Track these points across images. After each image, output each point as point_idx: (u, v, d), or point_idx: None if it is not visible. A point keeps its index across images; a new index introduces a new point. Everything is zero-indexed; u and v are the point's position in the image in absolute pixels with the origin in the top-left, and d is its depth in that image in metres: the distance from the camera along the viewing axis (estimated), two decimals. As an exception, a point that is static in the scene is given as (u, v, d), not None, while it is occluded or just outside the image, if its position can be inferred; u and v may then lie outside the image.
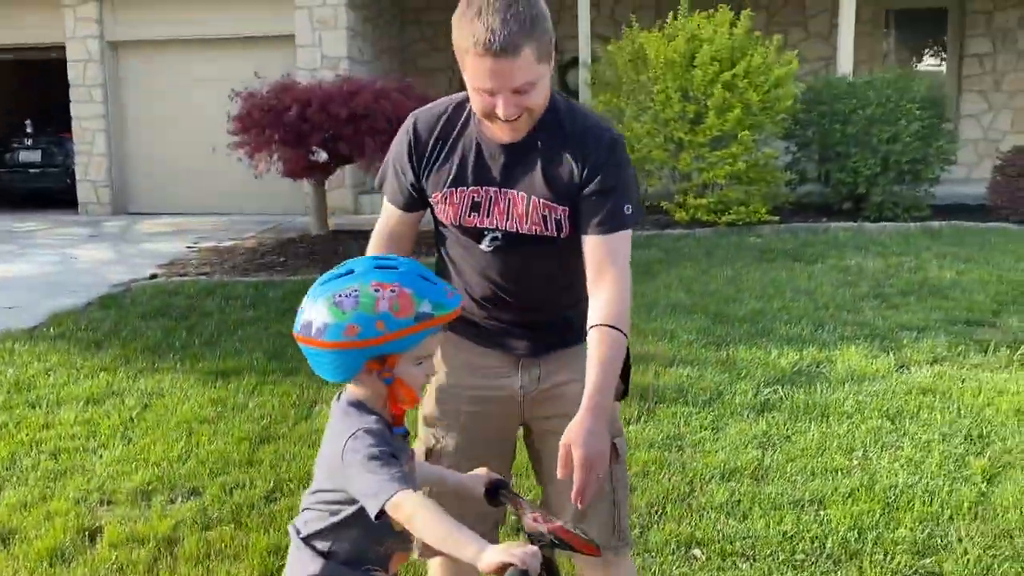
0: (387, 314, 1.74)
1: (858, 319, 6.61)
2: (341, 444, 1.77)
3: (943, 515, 3.66)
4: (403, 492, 1.66)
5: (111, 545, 3.65)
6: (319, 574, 1.84)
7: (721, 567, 3.37)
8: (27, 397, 5.38)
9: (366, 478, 1.71)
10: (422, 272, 1.83)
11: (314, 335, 1.77)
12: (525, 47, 2.02)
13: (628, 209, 2.20)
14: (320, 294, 1.78)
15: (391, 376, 1.79)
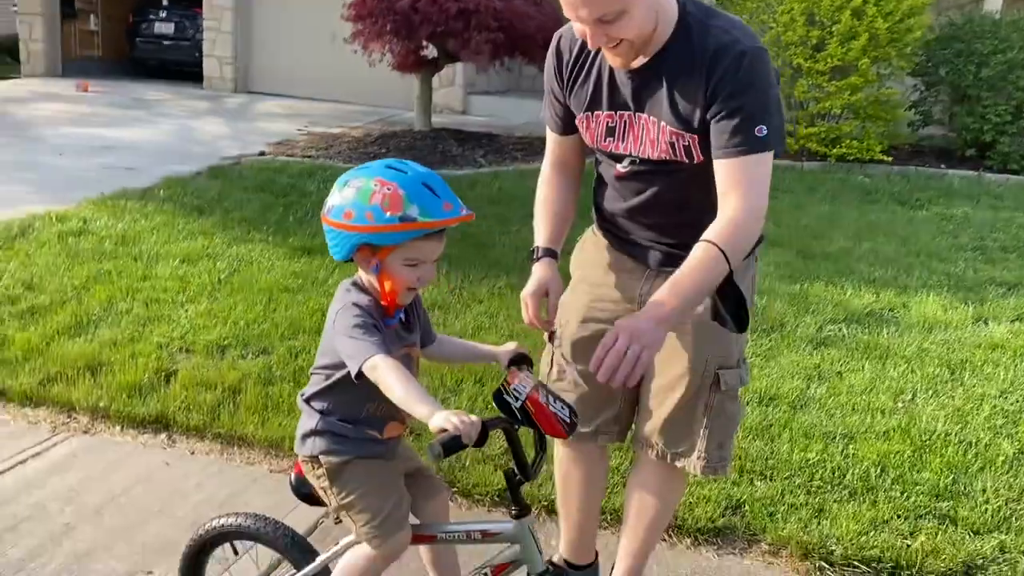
0: (377, 207, 1.88)
1: (948, 269, 6.39)
2: (333, 314, 2.00)
3: (973, 465, 3.63)
4: (378, 356, 1.86)
5: (183, 387, 4.03)
6: (317, 427, 2.05)
7: (736, 482, 3.47)
8: (131, 250, 5.85)
9: (348, 343, 1.91)
10: (428, 182, 1.93)
11: (324, 212, 1.98)
12: None
13: (761, 131, 2.01)
14: (340, 180, 1.98)
15: (377, 265, 1.96)
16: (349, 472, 2.03)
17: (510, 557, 2.06)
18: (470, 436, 1.71)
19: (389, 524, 2.03)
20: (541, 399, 2.01)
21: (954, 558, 3.05)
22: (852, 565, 3.05)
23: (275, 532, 2.28)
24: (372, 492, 2.03)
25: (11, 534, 3.05)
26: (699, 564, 3.08)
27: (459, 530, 2.13)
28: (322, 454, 2.04)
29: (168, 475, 3.48)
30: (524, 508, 2.02)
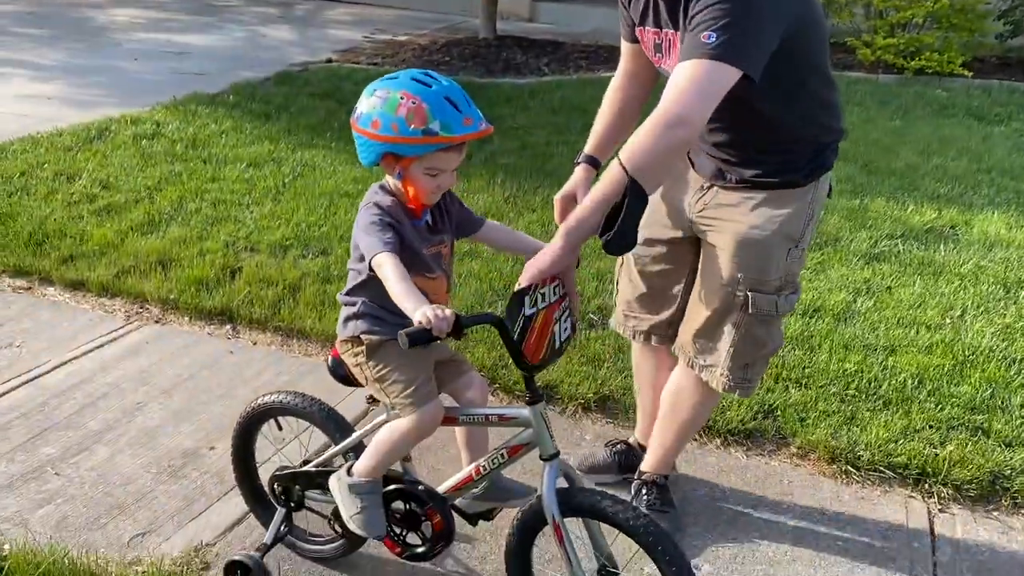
0: (402, 120, 2.00)
1: (1019, 186, 6.18)
2: (360, 212, 2.15)
3: (1014, 382, 3.63)
4: (384, 254, 2.01)
5: (247, 282, 4.26)
6: (358, 311, 2.21)
7: (771, 388, 3.55)
8: (200, 153, 6.07)
9: (364, 238, 2.08)
10: (451, 96, 2.02)
11: (353, 119, 2.10)
12: None
13: (710, 38, 2.01)
14: (369, 89, 2.08)
15: (400, 172, 2.09)
16: (384, 349, 2.20)
17: (524, 440, 2.20)
18: (440, 330, 1.86)
19: (420, 395, 2.19)
20: (556, 314, 2.10)
21: (981, 468, 3.10)
22: (878, 470, 3.13)
23: (313, 408, 2.47)
24: (404, 366, 2.19)
25: (91, 408, 3.34)
26: (727, 463, 3.20)
27: (479, 413, 2.28)
28: (363, 334, 2.20)
29: (231, 363, 3.73)
30: (536, 396, 2.15)
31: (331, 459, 2.48)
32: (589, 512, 2.15)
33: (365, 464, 2.31)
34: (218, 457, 3.09)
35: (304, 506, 2.55)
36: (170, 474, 2.99)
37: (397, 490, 2.36)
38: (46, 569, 2.37)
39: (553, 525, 2.12)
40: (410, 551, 2.41)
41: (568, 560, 2.16)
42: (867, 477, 3.13)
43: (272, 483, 2.56)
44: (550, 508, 2.11)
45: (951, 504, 3.04)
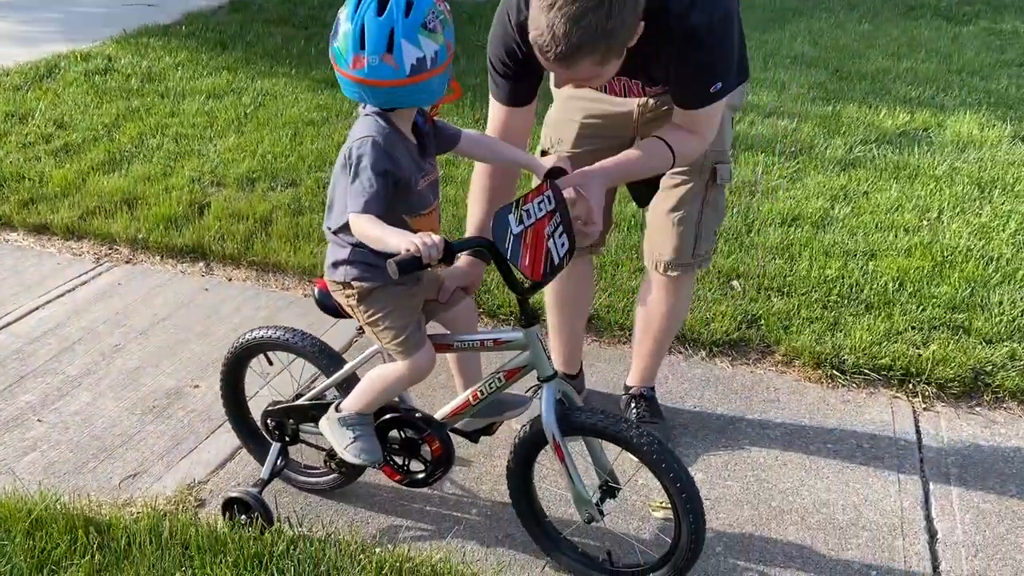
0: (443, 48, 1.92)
1: (989, 86, 6.18)
2: (355, 143, 1.97)
3: (993, 278, 3.66)
4: (365, 216, 1.91)
5: (216, 218, 4.15)
6: (348, 257, 2.12)
7: (754, 298, 3.55)
8: (157, 87, 5.86)
9: (355, 181, 1.94)
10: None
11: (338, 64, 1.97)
12: (586, 59, 1.90)
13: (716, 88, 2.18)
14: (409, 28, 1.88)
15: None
16: (375, 296, 2.14)
17: (521, 363, 2.18)
18: (431, 257, 1.79)
19: (411, 342, 2.15)
20: (548, 229, 2.04)
21: (963, 365, 3.14)
22: (863, 373, 3.17)
23: (303, 342, 2.42)
24: (395, 313, 2.14)
25: (68, 354, 3.26)
26: (713, 373, 3.22)
27: (474, 339, 2.25)
28: (354, 280, 2.13)
29: (207, 300, 3.65)
30: (532, 318, 2.12)
31: (324, 392, 2.44)
32: (589, 431, 2.15)
33: (356, 402, 2.28)
34: (203, 395, 3.05)
35: (299, 439, 2.52)
36: (155, 414, 2.95)
37: (394, 419, 2.34)
38: (39, 515, 2.33)
39: (554, 445, 2.12)
40: (411, 477, 2.40)
41: (569, 478, 2.17)
42: (852, 380, 3.16)
43: (265, 418, 2.52)
44: (550, 428, 2.11)
45: (935, 402, 3.08)
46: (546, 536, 2.37)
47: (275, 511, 2.48)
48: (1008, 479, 2.74)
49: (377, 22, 1.87)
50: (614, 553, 2.36)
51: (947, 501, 2.64)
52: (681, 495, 2.07)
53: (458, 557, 2.39)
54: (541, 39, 1.88)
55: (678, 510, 2.11)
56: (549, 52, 1.89)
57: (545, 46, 1.88)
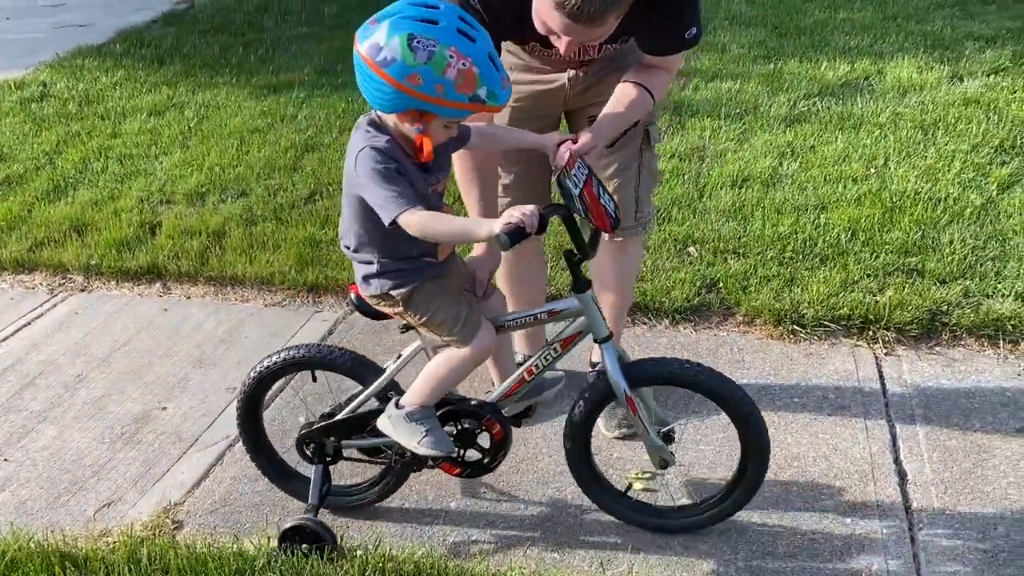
0: (450, 82, 1.79)
1: (925, 29, 6.26)
2: (353, 158, 1.95)
3: (942, 220, 3.73)
4: (407, 212, 1.86)
5: (169, 236, 4.10)
6: (377, 270, 2.10)
7: (711, 262, 3.59)
8: (96, 109, 5.76)
9: (375, 191, 1.90)
10: (492, 53, 1.85)
11: (378, 62, 1.80)
12: (612, 14, 1.94)
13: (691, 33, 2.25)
14: (400, 28, 1.80)
15: (422, 128, 1.91)
16: (416, 297, 2.12)
17: (576, 328, 2.21)
18: (532, 225, 1.81)
19: (470, 325, 2.13)
20: (594, 190, 2.11)
21: (920, 307, 3.21)
22: (823, 325, 3.22)
23: (331, 356, 2.36)
24: (446, 304, 2.13)
25: (30, 389, 3.22)
26: (677, 340, 3.25)
27: (527, 315, 2.23)
28: (391, 290, 2.11)
29: (167, 320, 3.62)
30: (584, 283, 2.15)
31: (365, 402, 2.38)
32: (657, 380, 2.27)
33: (418, 395, 2.23)
34: (171, 416, 3.03)
35: (343, 457, 2.46)
36: (125, 441, 2.92)
37: (448, 411, 2.31)
38: (13, 556, 2.31)
39: (626, 399, 2.21)
40: (471, 468, 2.39)
41: (644, 427, 2.27)
42: (813, 333, 3.21)
43: (301, 444, 2.45)
44: (619, 384, 2.20)
45: (896, 346, 3.14)
46: (611, 498, 2.44)
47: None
48: (971, 414, 2.80)
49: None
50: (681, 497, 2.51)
51: (914, 442, 2.70)
52: (747, 421, 2.23)
53: (440, 551, 2.41)
54: (572, 2, 1.90)
55: (747, 436, 2.25)
56: (583, 12, 1.92)
57: (578, 7, 1.91)
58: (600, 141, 2.25)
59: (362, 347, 3.31)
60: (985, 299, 3.25)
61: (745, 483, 2.33)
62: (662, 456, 2.33)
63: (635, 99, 2.32)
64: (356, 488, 2.58)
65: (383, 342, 3.33)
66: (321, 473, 2.46)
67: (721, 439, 2.75)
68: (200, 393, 3.14)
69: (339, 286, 3.68)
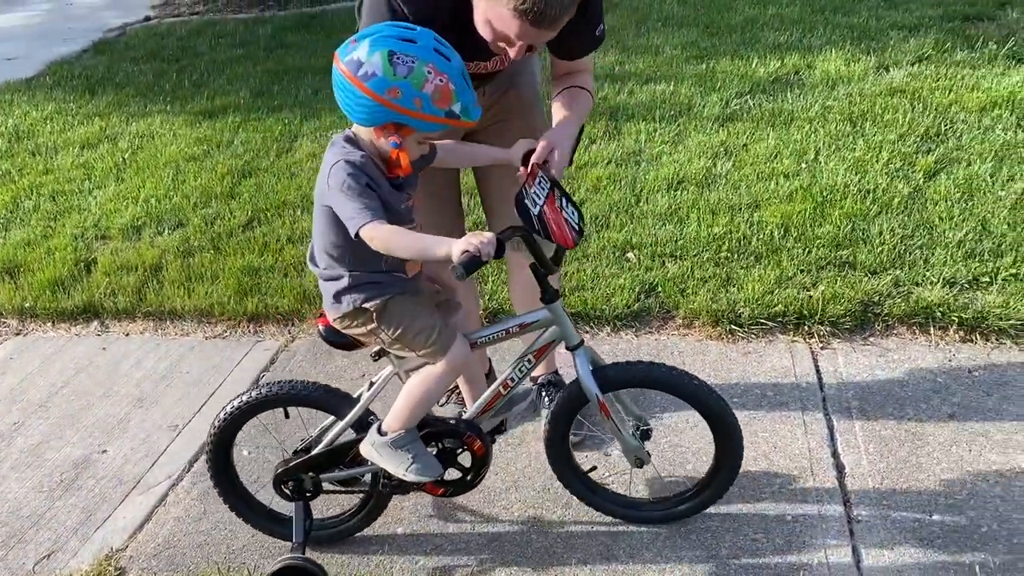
0: (427, 96, 1.86)
1: (851, 21, 6.37)
2: (327, 171, 1.98)
3: (871, 211, 3.81)
4: (371, 224, 1.89)
5: (104, 273, 4.04)
6: (348, 284, 2.10)
7: (649, 267, 3.62)
8: (27, 145, 5.65)
9: (344, 202, 1.92)
10: (465, 73, 1.93)
11: (359, 76, 1.87)
12: (566, 15, 1.99)
13: (600, 30, 2.32)
14: (381, 45, 1.87)
15: (399, 142, 1.95)
16: (392, 308, 2.12)
17: (548, 339, 2.23)
18: (489, 254, 1.82)
19: (445, 336, 2.13)
20: (557, 203, 2.13)
21: (852, 300, 3.27)
22: (759, 323, 3.27)
23: (303, 391, 2.34)
24: (420, 316, 2.13)
25: (-36, 441, 3.15)
26: (619, 347, 3.28)
27: (498, 330, 2.24)
28: (364, 303, 2.11)
29: (106, 359, 3.56)
30: (553, 294, 2.17)
31: (341, 434, 2.36)
32: (625, 383, 2.30)
33: (398, 419, 2.23)
34: (111, 459, 2.98)
35: (322, 491, 2.43)
36: (64, 488, 2.87)
37: (428, 433, 2.31)
38: (-51, 617, 2.26)
39: (599, 404, 2.25)
40: (454, 486, 2.39)
41: (618, 430, 2.33)
42: (750, 332, 3.26)
43: (279, 482, 2.42)
44: (591, 389, 2.24)
45: (831, 340, 3.20)
46: (593, 492, 2.52)
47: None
48: (905, 402, 2.86)
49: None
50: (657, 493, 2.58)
51: (851, 435, 2.75)
52: (719, 421, 2.28)
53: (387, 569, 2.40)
54: (535, 5, 1.93)
55: (718, 434, 2.31)
56: (544, 17, 1.96)
57: (540, 11, 1.94)
58: (559, 147, 2.23)
59: (305, 373, 3.30)
60: (915, 287, 3.32)
61: (719, 479, 2.40)
62: (637, 456, 2.40)
63: (580, 101, 2.34)
64: (336, 520, 2.57)
65: (326, 367, 3.32)
66: (303, 509, 2.44)
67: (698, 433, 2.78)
68: (141, 433, 3.10)
69: (280, 314, 3.66)
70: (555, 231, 2.10)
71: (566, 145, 2.25)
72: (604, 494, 2.55)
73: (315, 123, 5.53)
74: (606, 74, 5.85)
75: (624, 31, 6.83)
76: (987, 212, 3.72)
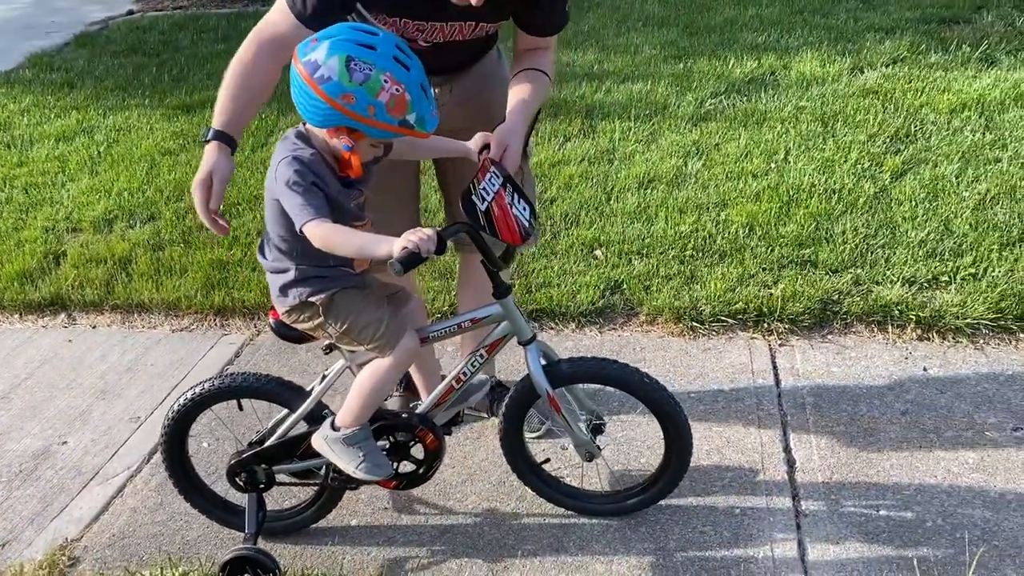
0: (381, 105, 1.86)
1: (828, 23, 6.41)
2: (275, 165, 1.99)
3: (835, 211, 3.84)
4: (314, 221, 1.90)
5: (73, 266, 4.05)
6: (295, 277, 2.10)
7: (616, 264, 3.65)
8: (2, 138, 5.64)
9: (289, 197, 1.93)
10: (424, 82, 1.92)
11: (315, 79, 1.86)
12: None
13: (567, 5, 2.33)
14: (340, 49, 1.86)
15: (351, 145, 1.95)
16: (338, 302, 2.12)
17: (500, 333, 2.25)
18: (428, 250, 1.82)
19: (392, 330, 2.13)
20: (507, 199, 2.13)
21: (812, 297, 3.30)
22: (720, 320, 3.30)
23: (255, 383, 2.35)
24: (366, 310, 2.13)
25: (-75, 432, 3.15)
26: (582, 343, 3.30)
27: (450, 325, 2.25)
28: (310, 296, 2.11)
29: (71, 351, 3.57)
30: (505, 289, 2.18)
31: (293, 426, 2.36)
32: (576, 378, 2.32)
33: (351, 413, 2.23)
34: (71, 450, 2.99)
35: (276, 483, 2.44)
36: (23, 479, 2.88)
37: (381, 426, 2.32)
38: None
39: (548, 399, 2.27)
40: (407, 480, 2.40)
41: (568, 425, 2.36)
42: (711, 329, 3.29)
43: (232, 473, 2.42)
44: (541, 385, 2.26)
45: (790, 337, 3.23)
46: (547, 485, 2.55)
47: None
48: (859, 399, 2.90)
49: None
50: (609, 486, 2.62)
51: (804, 430, 2.78)
52: (668, 418, 2.32)
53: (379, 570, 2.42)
54: None
55: (667, 430, 2.35)
56: None
57: None
58: (513, 138, 2.20)
59: (268, 368, 3.31)
60: (875, 286, 3.35)
61: (668, 475, 2.44)
62: (588, 450, 2.43)
63: (538, 86, 2.30)
64: (291, 511, 2.58)
65: (290, 361, 3.33)
66: (256, 501, 2.45)
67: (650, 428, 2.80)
68: (103, 425, 3.11)
69: (246, 308, 3.67)
70: (501, 228, 2.10)
71: (518, 140, 2.23)
72: (557, 486, 2.57)
73: (291, 118, 5.54)
74: (584, 72, 5.87)
75: (604, 30, 6.85)
76: (950, 212, 3.75)
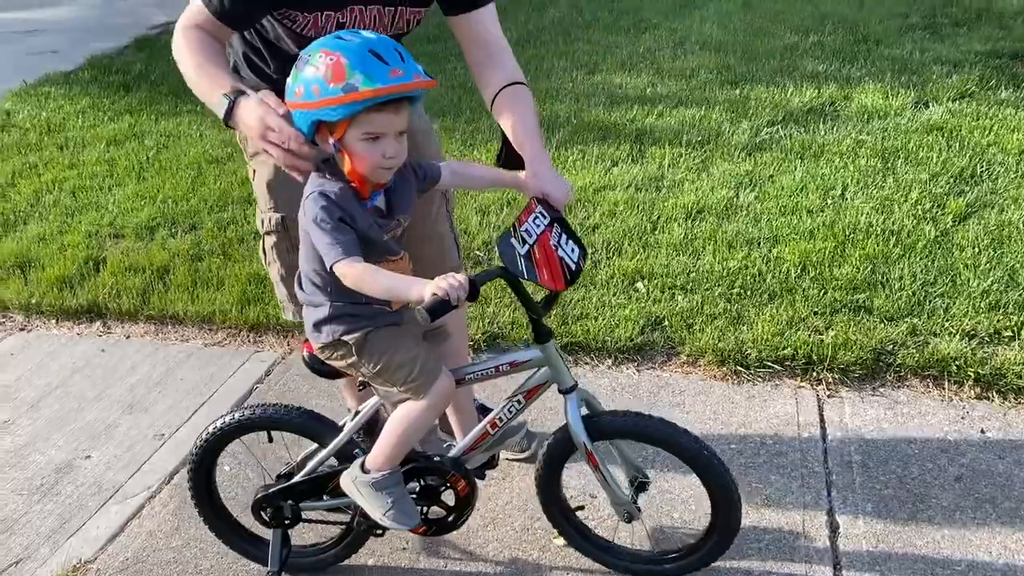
0: (320, 80, 1.75)
1: (894, 53, 6.22)
2: (304, 199, 1.92)
3: (893, 254, 3.66)
4: (343, 261, 1.81)
5: (112, 273, 4.04)
6: (329, 314, 2.01)
7: (658, 299, 3.52)
8: (56, 139, 5.71)
9: (318, 234, 1.84)
10: (376, 48, 1.77)
11: (285, 95, 1.85)
12: None
13: None
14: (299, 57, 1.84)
15: (336, 144, 1.83)
16: (372, 341, 2.03)
17: (540, 379, 2.13)
18: (459, 298, 1.72)
19: (427, 371, 2.03)
20: (552, 240, 2.00)
21: (865, 347, 3.13)
22: (766, 366, 3.14)
23: (285, 415, 2.28)
24: (401, 349, 2.04)
25: (-46, 437, 3.14)
26: (619, 381, 3.18)
27: (488, 367, 2.15)
28: (343, 335, 2.02)
29: (104, 361, 3.55)
30: (546, 334, 2.07)
31: (323, 462, 2.28)
32: (617, 433, 2.19)
33: (382, 455, 2.13)
34: (94, 465, 2.95)
35: (301, 519, 2.36)
36: (43, 493, 2.84)
37: (412, 469, 2.23)
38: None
39: (586, 453, 2.15)
40: (437, 526, 2.31)
41: (606, 482, 2.21)
42: (756, 374, 3.14)
43: (258, 508, 2.35)
44: (579, 437, 2.12)
45: (839, 388, 3.06)
46: (579, 534, 2.42)
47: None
48: (910, 460, 2.72)
49: None
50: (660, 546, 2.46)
51: (850, 491, 2.62)
52: (722, 491, 2.16)
53: (353, 611, 2.33)
54: None
55: (715, 497, 2.18)
56: None
57: None
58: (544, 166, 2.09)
59: (298, 389, 3.25)
60: (932, 338, 3.18)
61: (711, 544, 2.27)
62: (627, 511, 2.29)
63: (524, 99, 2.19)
64: (314, 549, 2.49)
65: (319, 383, 3.26)
66: (280, 537, 2.37)
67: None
68: (127, 441, 3.06)
69: (280, 325, 3.61)
70: (542, 273, 1.95)
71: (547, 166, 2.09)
72: (588, 537, 2.44)
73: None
74: (636, 95, 5.75)
75: (660, 52, 6.73)
76: (1017, 262, 3.55)
